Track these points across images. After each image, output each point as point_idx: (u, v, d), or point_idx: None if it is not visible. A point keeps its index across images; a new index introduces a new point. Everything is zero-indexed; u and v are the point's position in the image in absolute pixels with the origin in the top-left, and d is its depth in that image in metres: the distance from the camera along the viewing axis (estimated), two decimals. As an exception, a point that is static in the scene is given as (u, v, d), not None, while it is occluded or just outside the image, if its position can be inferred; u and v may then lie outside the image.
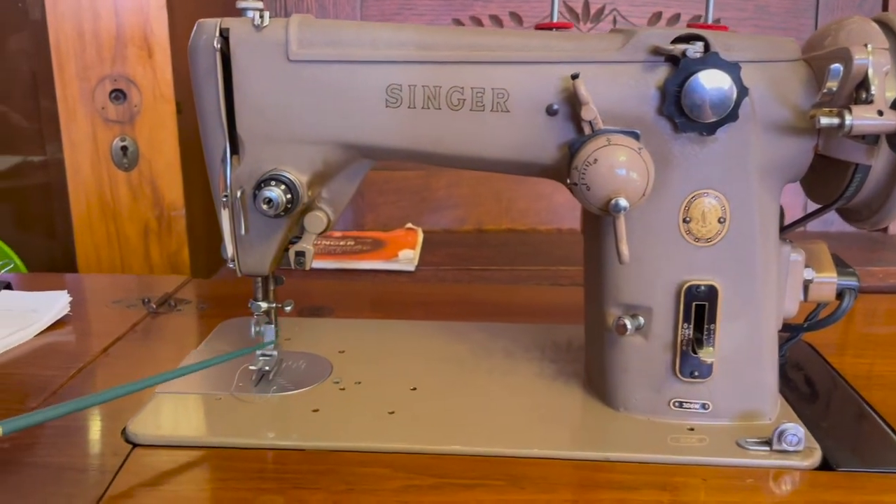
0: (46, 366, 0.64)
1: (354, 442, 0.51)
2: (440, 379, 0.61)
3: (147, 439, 0.52)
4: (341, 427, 0.53)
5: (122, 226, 1.23)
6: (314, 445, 0.51)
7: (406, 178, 1.17)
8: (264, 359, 0.61)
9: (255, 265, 0.57)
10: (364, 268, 0.97)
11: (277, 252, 0.57)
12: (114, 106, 1.18)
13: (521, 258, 1.02)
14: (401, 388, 0.59)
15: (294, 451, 0.51)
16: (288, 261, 0.58)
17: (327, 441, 0.51)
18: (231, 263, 0.57)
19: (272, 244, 0.56)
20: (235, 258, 0.56)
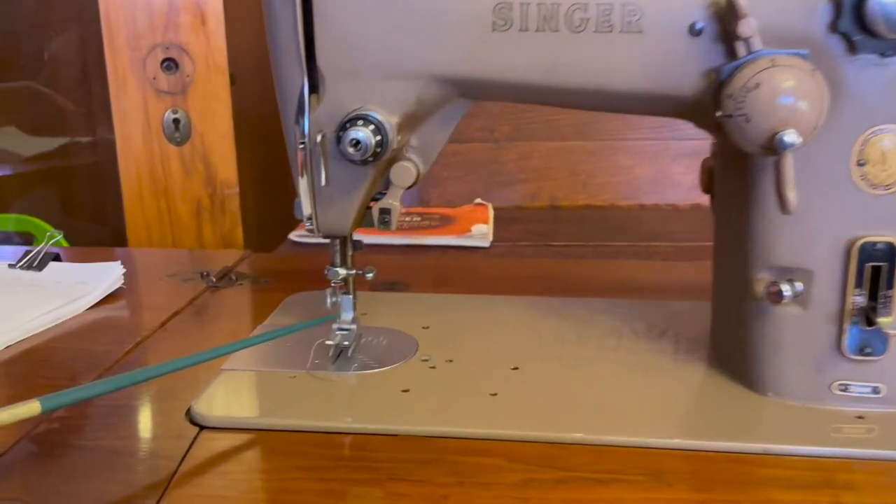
0: (98, 340, 0.58)
1: (457, 427, 0.43)
2: (543, 358, 0.53)
3: (215, 421, 0.45)
4: (439, 410, 0.46)
5: (174, 203, 1.18)
6: (409, 430, 0.44)
7: (473, 150, 1.09)
8: (342, 333, 0.54)
9: (335, 223, 0.49)
10: (434, 243, 0.89)
11: (360, 208, 0.50)
12: (165, 76, 1.13)
13: (604, 234, 0.93)
14: (500, 368, 0.51)
15: (385, 436, 0.43)
16: (371, 220, 0.51)
17: (424, 425, 0.44)
18: (307, 223, 0.50)
19: (355, 198, 0.49)
20: (313, 216, 0.49)
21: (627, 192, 1.08)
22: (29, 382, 0.52)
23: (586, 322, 0.60)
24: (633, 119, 1.06)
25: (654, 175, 1.06)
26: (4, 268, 0.71)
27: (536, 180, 1.08)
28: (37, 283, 0.68)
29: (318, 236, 0.51)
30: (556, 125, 1.07)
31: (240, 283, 0.72)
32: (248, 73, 1.27)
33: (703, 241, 0.84)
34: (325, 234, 0.51)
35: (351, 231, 0.51)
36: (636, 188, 1.08)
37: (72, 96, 1.59)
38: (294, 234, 0.95)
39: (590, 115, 1.07)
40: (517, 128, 1.08)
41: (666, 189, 1.07)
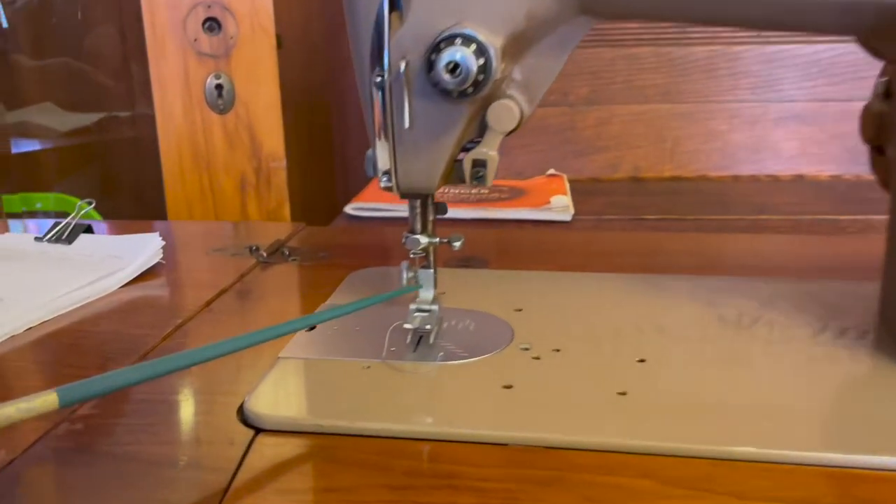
0: (134, 322, 0.50)
1: (583, 435, 0.34)
2: (673, 347, 0.43)
3: (274, 422, 0.36)
4: (555, 412, 0.36)
5: (217, 177, 1.10)
6: (520, 438, 0.34)
7: (545, 115, 0.99)
8: (422, 315, 0.45)
9: (419, 177, 0.40)
10: (508, 217, 0.79)
11: (450, 159, 0.40)
12: (207, 37, 1.05)
13: (700, 208, 0.82)
14: (621, 360, 0.42)
15: (489, 445, 0.34)
16: (460, 174, 0.42)
17: (539, 431, 0.34)
18: (383, 179, 0.41)
19: (445, 145, 0.39)
20: (391, 169, 0.40)
21: (720, 162, 0.97)
22: (52, 371, 0.44)
23: (712, 303, 0.50)
24: (728, 78, 0.95)
25: (752, 142, 0.95)
26: (30, 241, 0.64)
27: (616, 149, 0.97)
28: (65, 258, 0.60)
29: (396, 195, 0.42)
30: (640, 86, 0.97)
31: (294, 259, 0.63)
32: (295, 35, 1.19)
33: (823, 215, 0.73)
34: (404, 193, 0.42)
35: (438, 187, 0.41)
36: (731, 157, 0.97)
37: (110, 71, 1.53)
38: (350, 207, 0.87)
39: (677, 74, 0.96)
40: (595, 89, 0.98)
41: (765, 158, 0.96)
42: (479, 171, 0.41)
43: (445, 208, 0.46)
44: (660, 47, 0.97)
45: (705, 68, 0.96)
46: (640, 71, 0.98)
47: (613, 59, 0.97)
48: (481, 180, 0.41)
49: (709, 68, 0.96)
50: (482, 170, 0.41)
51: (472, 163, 0.41)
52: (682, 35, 0.96)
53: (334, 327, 0.47)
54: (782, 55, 0.95)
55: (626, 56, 0.96)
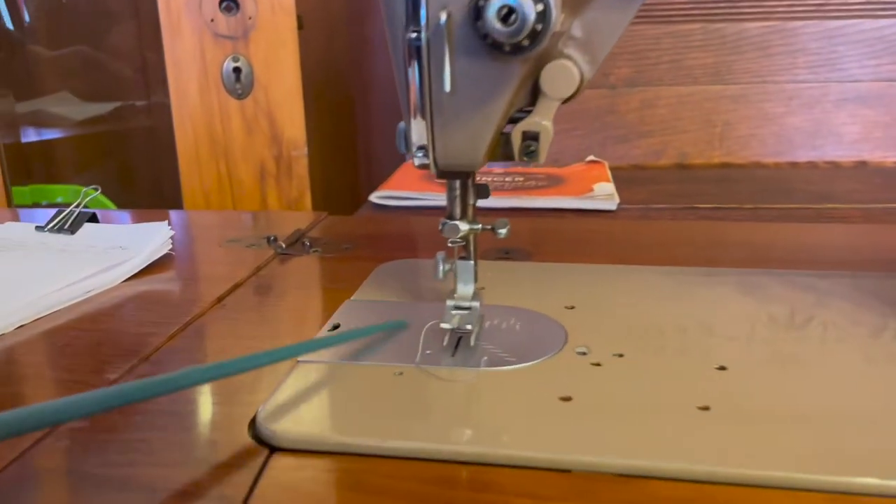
0: (138, 320, 0.45)
1: (662, 460, 0.28)
2: (755, 352, 0.37)
3: (292, 440, 0.31)
4: (626, 430, 0.31)
5: (235, 166, 1.05)
6: (585, 463, 0.29)
7: (584, 98, 0.92)
8: (460, 313, 0.40)
9: (460, 152, 0.35)
10: (549, 206, 0.74)
11: (497, 129, 0.35)
12: (225, 17, 1.00)
13: (757, 196, 0.76)
14: (697, 367, 0.36)
15: (544, 470, 0.29)
16: (508, 150, 0.36)
17: (607, 455, 0.29)
18: (418, 155, 0.36)
19: (492, 113, 0.34)
20: (428, 143, 0.35)
21: (776, 147, 0.90)
22: (39, 376, 0.39)
23: (793, 301, 0.44)
24: (784, 56, 0.88)
25: (810, 125, 0.88)
26: (31, 231, 0.60)
27: (661, 133, 0.91)
28: (66, 249, 0.55)
29: (434, 174, 0.36)
30: (687, 65, 0.90)
31: (315, 250, 0.58)
32: (316, 16, 1.14)
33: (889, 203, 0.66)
34: (443, 171, 0.36)
35: (482, 164, 0.36)
36: (787, 142, 0.90)
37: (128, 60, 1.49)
38: (376, 196, 0.82)
39: (729, 52, 0.89)
40: (638, 70, 0.91)
41: (825, 143, 0.89)
42: (530, 145, 0.35)
43: (488, 191, 0.40)
44: (709, 23, 0.90)
45: (759, 45, 0.89)
46: (688, 49, 0.91)
47: (658, 37, 0.90)
48: (532, 156, 0.35)
49: (763, 45, 0.89)
50: (534, 144, 0.35)
51: (522, 135, 0.35)
52: (734, 9, 0.89)
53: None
54: (844, 31, 0.88)
55: (672, 33, 0.90)
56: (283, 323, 0.45)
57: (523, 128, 0.35)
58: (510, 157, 0.36)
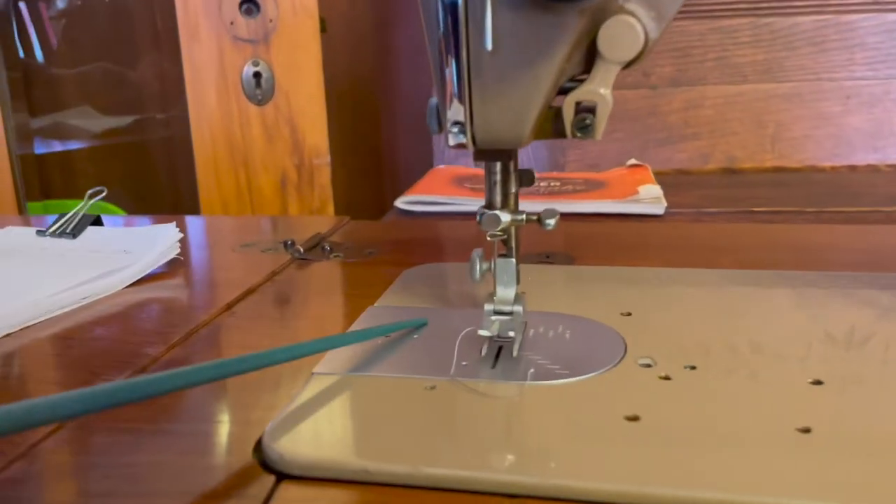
0: (137, 330, 0.40)
1: (766, 495, 0.23)
2: (854, 363, 0.32)
3: (303, 465, 0.26)
4: (712, 456, 0.25)
5: (255, 175, 1.02)
6: (667, 497, 0.23)
7: (623, 99, 0.87)
8: (501, 319, 0.35)
9: (504, 124, 0.30)
10: (589, 210, 0.68)
11: (546, 98, 0.30)
12: (245, 20, 0.97)
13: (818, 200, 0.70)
14: (788, 381, 0.30)
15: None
16: (556, 127, 0.31)
17: (697, 488, 0.23)
18: (453, 131, 0.31)
19: (541, 76, 0.29)
20: (466, 117, 0.30)
21: (832, 150, 0.84)
22: (21, 389, 0.35)
23: (872, 303, 0.38)
24: (840, 52, 0.82)
25: (870, 126, 0.82)
26: (32, 235, 0.56)
27: (708, 136, 0.86)
28: (66, 253, 0.51)
29: (472, 151, 0.31)
30: (735, 63, 0.85)
31: (336, 255, 0.53)
32: (339, 20, 1.10)
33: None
34: (482, 149, 0.31)
35: (528, 141, 0.31)
36: (845, 144, 0.84)
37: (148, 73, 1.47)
38: (402, 201, 0.77)
39: (780, 48, 0.84)
40: (682, 68, 0.86)
41: (887, 144, 0.83)
42: (585, 118, 0.30)
43: (533, 177, 0.35)
44: (759, 17, 0.85)
45: (814, 41, 0.84)
46: (736, 46, 0.86)
47: (703, 33, 0.85)
48: (587, 132, 0.30)
49: (818, 41, 0.84)
50: (589, 116, 0.30)
51: (575, 107, 0.30)
52: (785, 2, 0.84)
53: (385, 336, 0.37)
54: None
55: (718, 29, 0.85)
56: (298, 331, 0.40)
57: (577, 97, 0.30)
58: (560, 133, 0.31)
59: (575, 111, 0.30)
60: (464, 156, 0.96)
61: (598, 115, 0.30)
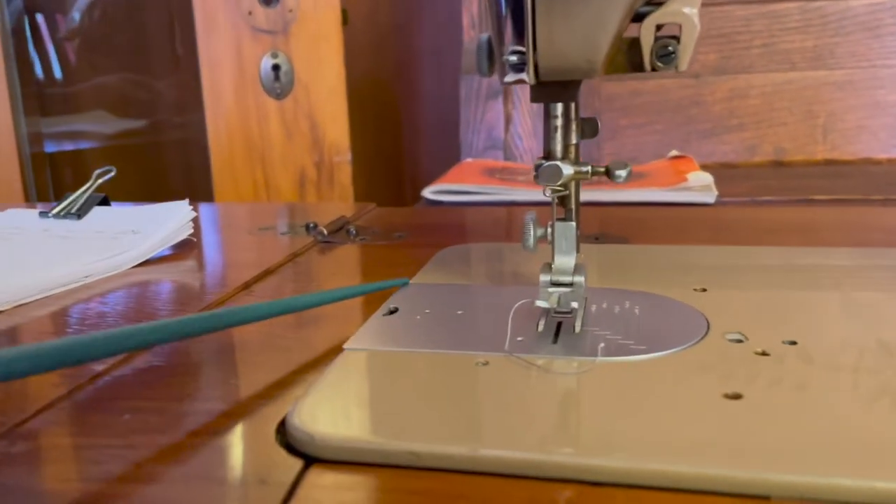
0: (143, 308, 0.36)
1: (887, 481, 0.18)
2: None
3: (337, 447, 0.22)
4: (847, 437, 0.20)
5: (273, 173, 0.98)
6: (799, 485, 0.19)
7: (664, 88, 0.83)
8: (560, 291, 0.30)
9: (573, 48, 0.26)
10: (635, 199, 0.64)
11: (622, 17, 0.25)
12: (263, 10, 0.94)
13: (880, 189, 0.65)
14: None
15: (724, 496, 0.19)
16: (632, 57, 0.27)
17: (834, 474, 0.19)
18: (511, 60, 0.27)
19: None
20: (527, 40, 0.26)
21: (889, 141, 0.79)
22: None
23: None
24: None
25: (931, 115, 0.77)
26: (34, 217, 0.52)
27: (755, 127, 0.81)
28: (70, 235, 0.48)
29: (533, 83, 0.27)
30: (784, 49, 0.80)
31: (362, 239, 0.49)
32: (362, 12, 1.07)
33: None
34: (544, 80, 0.27)
35: (600, 70, 0.26)
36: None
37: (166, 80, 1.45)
38: (430, 191, 0.73)
39: (831, 33, 0.79)
40: (727, 55, 0.82)
41: (949, 135, 0.78)
42: (667, 44, 0.26)
43: (597, 127, 0.31)
44: (808, 1, 0.80)
45: (868, 25, 0.79)
46: (784, 31, 0.81)
47: (749, 18, 0.81)
48: (669, 60, 0.26)
49: (872, 25, 0.79)
50: (672, 43, 0.26)
51: (655, 31, 0.26)
52: (837, -15, 0.79)
53: (426, 310, 0.32)
54: (968, 6, 0.78)
55: (764, 13, 0.80)
56: (322, 311, 0.35)
57: (657, 20, 0.26)
58: (637, 65, 0.27)
59: (656, 35, 0.26)
60: (493, 149, 0.92)
61: (684, 41, 0.26)
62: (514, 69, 0.27)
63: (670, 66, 0.26)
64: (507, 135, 0.93)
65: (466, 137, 0.96)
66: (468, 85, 0.97)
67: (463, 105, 0.97)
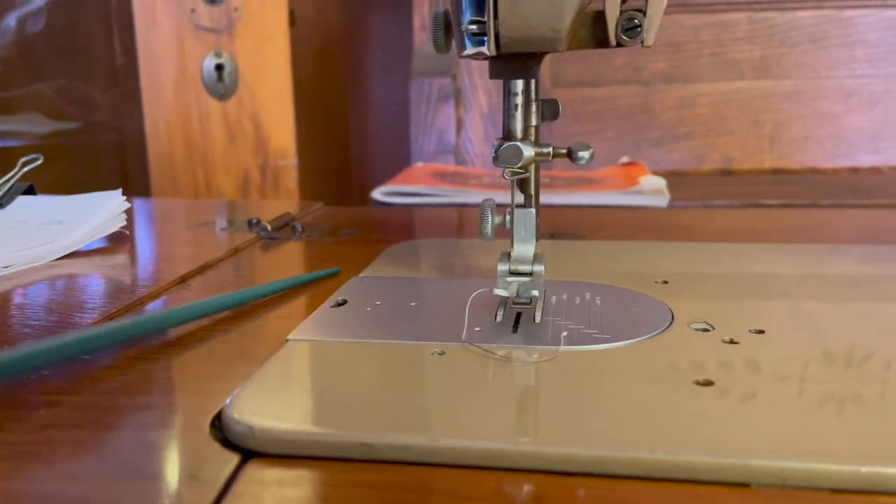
0: (67, 301, 0.34)
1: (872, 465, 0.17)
2: None
3: (278, 439, 0.19)
4: (826, 423, 0.19)
5: (215, 175, 0.95)
6: (780, 471, 0.17)
7: (614, 96, 0.83)
8: (519, 280, 0.29)
9: (536, 18, 0.24)
10: (587, 202, 0.63)
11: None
12: (207, 8, 0.91)
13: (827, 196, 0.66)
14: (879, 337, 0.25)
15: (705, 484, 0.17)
16: (596, 32, 0.26)
17: (814, 459, 0.18)
18: (470, 30, 0.25)
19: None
20: (488, 8, 0.24)
21: (834, 151, 0.81)
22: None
23: None
24: (840, 49, 0.79)
25: (872, 126, 0.79)
26: (-49, 210, 0.48)
27: (703, 136, 0.82)
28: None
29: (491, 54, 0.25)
30: (732, 59, 0.81)
31: (307, 235, 0.47)
32: (309, 13, 1.05)
33: None
34: (506, 52, 0.25)
35: (565, 40, 0.25)
36: (846, 144, 0.80)
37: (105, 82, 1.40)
38: (379, 192, 0.71)
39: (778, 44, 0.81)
40: (676, 64, 0.82)
41: (889, 146, 0.80)
42: (633, 17, 0.25)
43: (557, 109, 0.30)
44: (756, 12, 0.81)
45: (813, 37, 0.81)
46: (732, 41, 0.82)
47: (698, 28, 0.81)
48: (635, 34, 0.25)
49: (817, 37, 0.81)
50: (639, 16, 0.25)
51: (621, 4, 0.25)
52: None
53: (376, 302, 0.30)
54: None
55: (713, 23, 0.81)
56: (263, 304, 0.33)
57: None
58: (602, 40, 0.26)
59: (620, 10, 0.25)
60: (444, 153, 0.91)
61: (650, 14, 0.25)
62: (473, 40, 0.25)
63: (636, 40, 0.25)
64: (459, 139, 0.92)
65: (417, 142, 0.94)
66: (419, 89, 0.96)
67: (413, 109, 0.96)
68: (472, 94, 0.91)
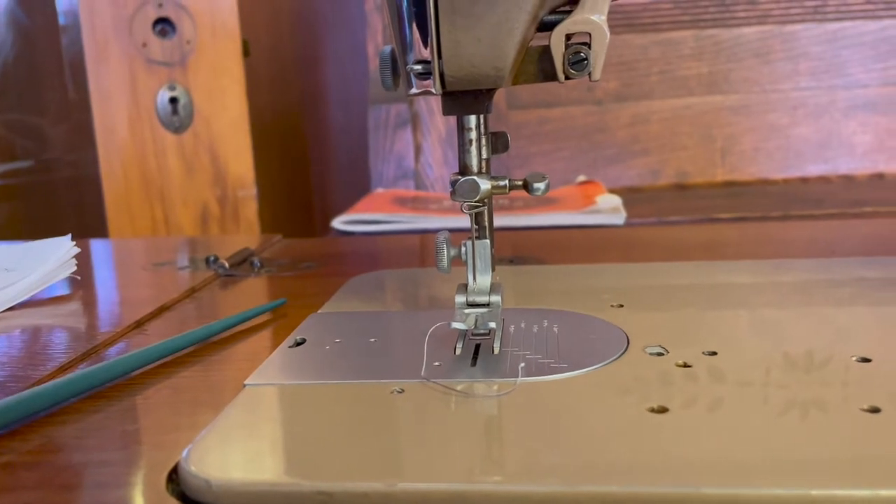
0: (15, 353, 0.33)
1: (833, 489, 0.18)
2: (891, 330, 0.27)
3: (238, 492, 0.19)
4: (780, 446, 0.20)
5: (173, 209, 0.94)
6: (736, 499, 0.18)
7: (569, 116, 0.84)
8: (477, 312, 0.29)
9: (478, 57, 0.25)
10: (545, 224, 0.64)
11: (528, 23, 0.25)
12: (159, 42, 0.91)
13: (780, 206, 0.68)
14: (829, 359, 0.26)
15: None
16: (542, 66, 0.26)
17: (771, 484, 0.18)
18: (416, 69, 0.26)
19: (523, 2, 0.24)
20: (432, 47, 0.25)
21: (783, 162, 0.83)
22: None
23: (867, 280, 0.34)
24: (785, 63, 0.81)
25: (819, 136, 0.81)
26: None
27: (657, 151, 0.83)
28: (-63, 276, 0.43)
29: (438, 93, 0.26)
30: (681, 76, 0.83)
31: (267, 270, 0.47)
32: (263, 43, 1.05)
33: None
34: (452, 86, 0.26)
35: (509, 77, 0.26)
36: (795, 155, 0.83)
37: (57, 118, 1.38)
38: (339, 221, 0.71)
39: (724, 60, 0.83)
40: (627, 83, 0.84)
41: (836, 155, 0.82)
42: (579, 50, 0.25)
43: (507, 142, 0.30)
44: (701, 29, 0.84)
45: (758, 52, 0.83)
46: (680, 59, 0.84)
47: (646, 46, 0.83)
48: (582, 67, 0.26)
49: (762, 51, 0.83)
50: (584, 49, 0.25)
51: (566, 39, 0.25)
52: (726, 13, 0.83)
53: (335, 340, 0.30)
54: (846, 33, 0.82)
55: (660, 41, 0.83)
56: (223, 346, 0.33)
57: (567, 29, 0.25)
58: (549, 74, 0.26)
59: (567, 43, 0.25)
60: (404, 178, 0.91)
61: (595, 48, 0.25)
62: (419, 79, 0.26)
63: (583, 74, 0.25)
64: (418, 164, 0.92)
65: (376, 168, 0.94)
66: (376, 115, 0.96)
67: (372, 135, 0.96)
68: (430, 119, 0.91)
